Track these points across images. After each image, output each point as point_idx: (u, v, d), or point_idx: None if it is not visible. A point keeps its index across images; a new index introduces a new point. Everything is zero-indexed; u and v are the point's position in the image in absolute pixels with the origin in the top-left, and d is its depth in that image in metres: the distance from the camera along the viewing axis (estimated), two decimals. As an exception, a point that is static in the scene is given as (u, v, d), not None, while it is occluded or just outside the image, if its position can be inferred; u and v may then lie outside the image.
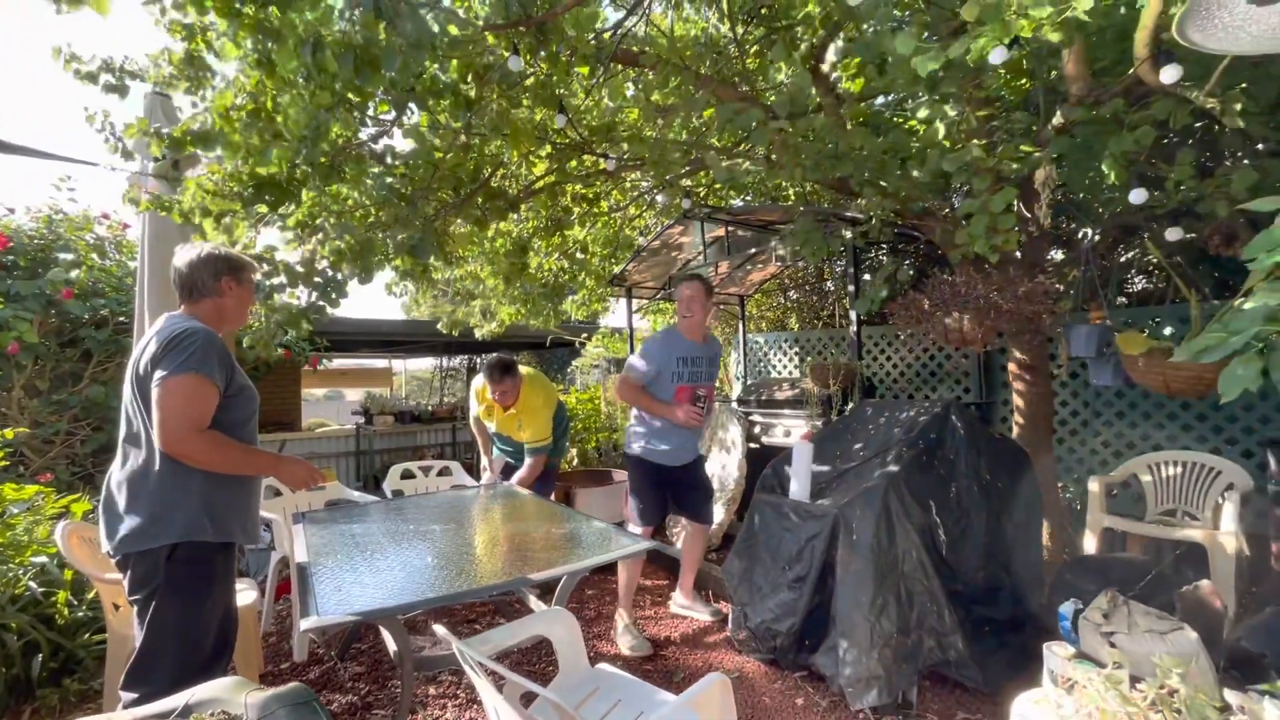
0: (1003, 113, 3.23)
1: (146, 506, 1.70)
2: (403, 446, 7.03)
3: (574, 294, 5.46)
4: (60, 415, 4.49)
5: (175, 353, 1.69)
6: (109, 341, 4.62)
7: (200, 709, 1.11)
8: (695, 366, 3.10)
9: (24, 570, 2.62)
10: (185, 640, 1.69)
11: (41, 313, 4.36)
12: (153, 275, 3.23)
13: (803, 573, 2.49)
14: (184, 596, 1.71)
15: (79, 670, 2.60)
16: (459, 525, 2.64)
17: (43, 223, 4.85)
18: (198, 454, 1.69)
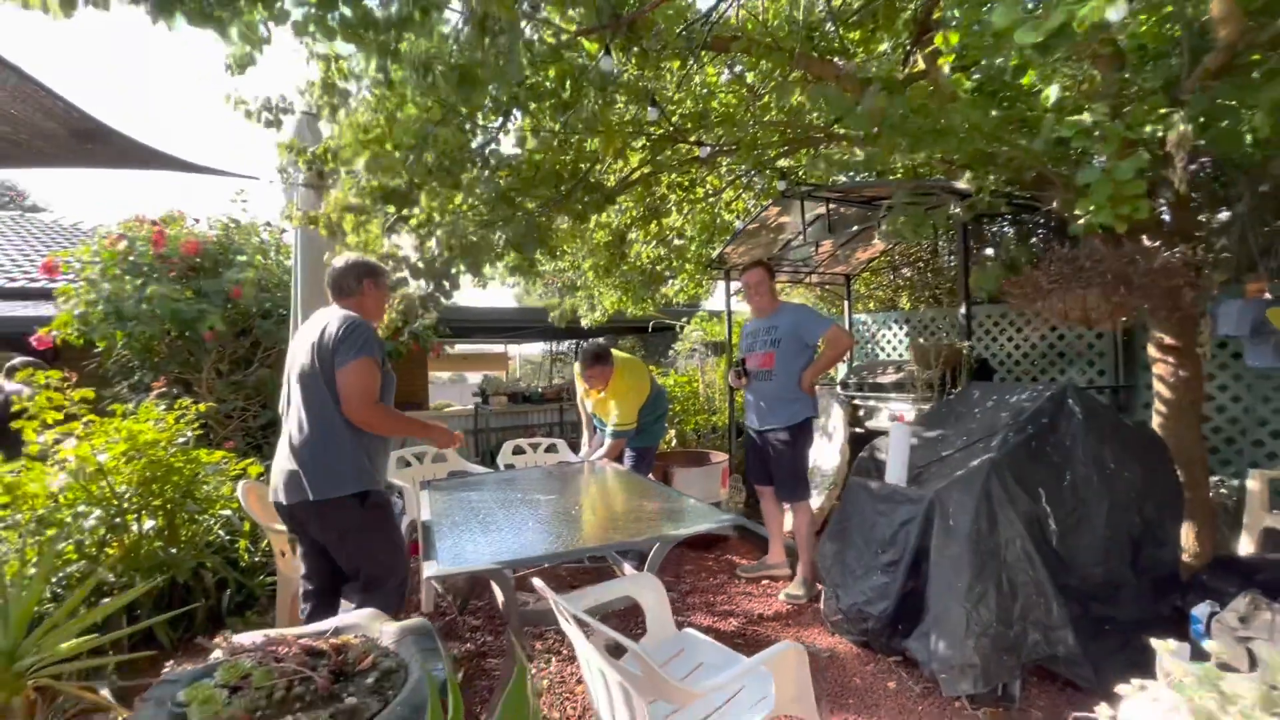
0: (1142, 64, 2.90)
1: (333, 463, 2.07)
2: (515, 425, 7.53)
3: (673, 279, 5.57)
4: (237, 394, 5.29)
5: (352, 340, 2.09)
6: (273, 331, 5.35)
7: (346, 632, 1.35)
8: (753, 339, 3.55)
9: (214, 521, 3.18)
10: (393, 563, 2.16)
11: (223, 306, 5.15)
12: (305, 275, 3.72)
13: (896, 557, 2.46)
14: (388, 532, 2.18)
15: (256, 605, 3.12)
16: (561, 495, 2.85)
17: (221, 230, 5.69)
18: (378, 422, 2.11)
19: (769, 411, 3.40)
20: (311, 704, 1.09)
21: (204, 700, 1.06)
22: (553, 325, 6.95)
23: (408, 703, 1.08)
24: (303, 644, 1.25)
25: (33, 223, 10.16)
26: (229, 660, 1.17)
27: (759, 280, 3.46)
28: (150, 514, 2.83)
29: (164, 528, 2.85)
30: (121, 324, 4.65)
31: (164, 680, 1.16)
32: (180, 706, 1.07)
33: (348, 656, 1.22)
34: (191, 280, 5.17)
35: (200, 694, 1.08)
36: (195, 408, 3.22)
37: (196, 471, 3.03)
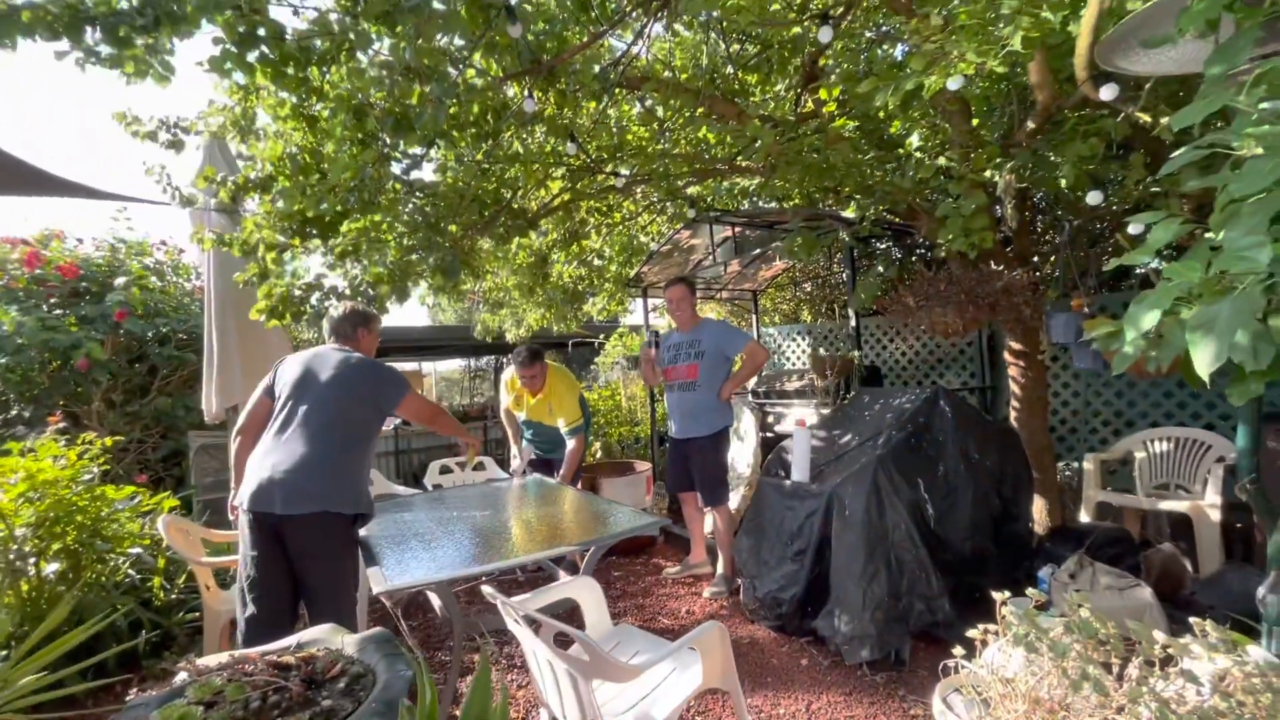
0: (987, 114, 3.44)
1: (341, 480, 2.22)
2: (438, 444, 7.44)
3: (594, 297, 5.78)
4: (133, 425, 4.96)
5: (394, 381, 2.45)
6: (172, 357, 5.07)
7: (309, 646, 1.44)
8: (676, 351, 3.79)
9: (123, 559, 3.03)
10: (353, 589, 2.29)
11: (110, 332, 4.82)
12: (219, 299, 3.63)
13: (803, 546, 2.77)
14: (354, 556, 2.33)
15: (173, 644, 3.00)
16: (496, 511, 2.97)
17: (107, 251, 5.32)
18: (445, 427, 2.72)
19: (693, 421, 3.65)
20: (288, 710, 1.19)
21: (180, 718, 1.14)
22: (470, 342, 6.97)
23: (381, 699, 1.21)
24: (269, 660, 1.34)
25: None
26: (198, 680, 1.25)
27: (681, 296, 3.71)
28: (52, 557, 2.68)
29: (67, 570, 2.71)
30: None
31: (131, 705, 1.21)
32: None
33: (316, 666, 1.32)
34: (73, 305, 4.82)
35: (175, 713, 1.15)
36: (99, 443, 3.07)
37: (103, 509, 2.89)
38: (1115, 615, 1.64)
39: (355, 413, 2.35)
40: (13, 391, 4.55)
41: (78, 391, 4.72)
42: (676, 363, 3.74)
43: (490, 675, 1.22)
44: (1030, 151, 2.56)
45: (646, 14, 2.66)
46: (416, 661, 1.30)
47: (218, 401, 3.68)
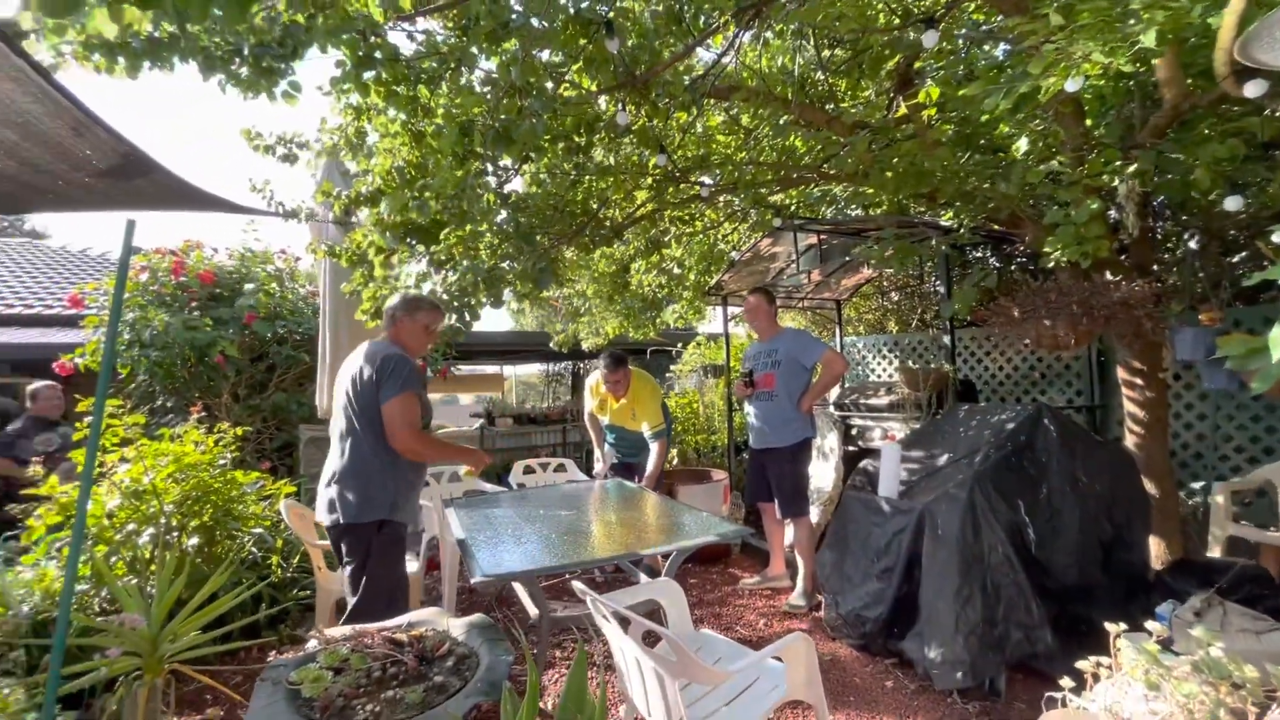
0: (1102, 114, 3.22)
1: (364, 490, 2.22)
2: (520, 445, 7.71)
3: (672, 305, 5.83)
4: (254, 417, 5.46)
5: (393, 376, 2.24)
6: (289, 356, 5.54)
7: (419, 626, 1.55)
8: (755, 361, 3.75)
9: (248, 538, 3.35)
10: (390, 595, 2.23)
11: (240, 333, 5.33)
12: (333, 303, 3.95)
13: (890, 564, 2.68)
14: (388, 562, 2.25)
15: (287, 619, 3.28)
16: (579, 511, 3.06)
17: (237, 259, 5.91)
18: (423, 450, 2.29)
19: (771, 431, 3.62)
20: (405, 682, 1.30)
21: (314, 679, 1.27)
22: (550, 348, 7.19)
23: (485, 679, 1.29)
24: (385, 635, 1.45)
25: (41, 250, 10.32)
26: (327, 648, 1.38)
27: (758, 305, 3.71)
28: (192, 532, 3.01)
29: (204, 544, 3.02)
30: (144, 351, 4.84)
31: (273, 664, 1.35)
32: (294, 685, 1.27)
33: (426, 645, 1.43)
34: (210, 309, 5.38)
35: (310, 674, 1.28)
36: (232, 432, 3.41)
37: (233, 491, 3.21)
38: (1252, 660, 1.50)
39: (370, 410, 2.25)
40: (159, 384, 5.12)
41: (210, 385, 5.25)
42: (756, 372, 3.72)
43: (586, 668, 1.27)
44: (1154, 153, 2.38)
45: (738, 24, 2.69)
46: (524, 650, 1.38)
47: (328, 398, 3.99)
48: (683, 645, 1.43)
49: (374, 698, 1.25)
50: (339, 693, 1.24)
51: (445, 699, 1.24)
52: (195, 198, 2.21)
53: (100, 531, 2.75)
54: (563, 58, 2.48)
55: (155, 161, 1.73)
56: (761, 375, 3.69)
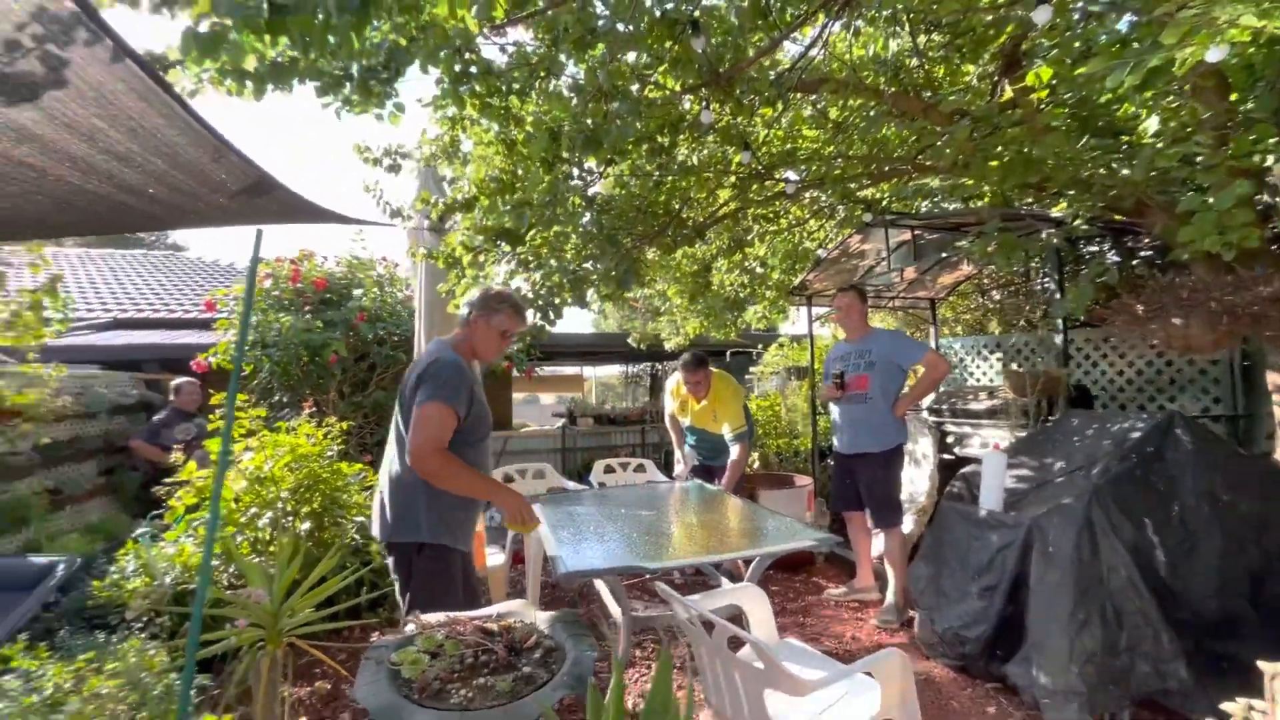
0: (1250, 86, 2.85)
1: (401, 506, 2.06)
2: (600, 445, 7.84)
3: (754, 305, 5.72)
4: (356, 413, 5.87)
5: (428, 382, 2.01)
6: (388, 356, 5.91)
7: (508, 617, 1.60)
8: (844, 362, 3.61)
9: (351, 525, 3.58)
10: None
11: (347, 334, 5.75)
12: (426, 305, 4.17)
13: (993, 582, 2.49)
14: (431, 589, 2.03)
15: (385, 603, 3.48)
16: (660, 512, 3.06)
17: (345, 266, 6.37)
18: (434, 470, 1.96)
19: (862, 435, 3.47)
20: (495, 670, 1.34)
21: (412, 661, 1.33)
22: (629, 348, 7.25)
23: (572, 673, 1.30)
24: (476, 624, 1.51)
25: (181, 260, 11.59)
26: (424, 633, 1.44)
27: (850, 304, 3.57)
28: (304, 518, 3.26)
29: (315, 529, 3.27)
30: (266, 351, 5.31)
31: (376, 645, 1.44)
32: (395, 665, 1.34)
33: (514, 636, 1.47)
34: (321, 312, 5.83)
35: (409, 656, 1.34)
36: (339, 426, 3.67)
37: (339, 481, 3.45)
38: None
39: (404, 427, 2.07)
40: (276, 381, 5.60)
41: (319, 383, 5.68)
42: (847, 374, 3.58)
43: (671, 671, 1.26)
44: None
45: (827, 14, 2.60)
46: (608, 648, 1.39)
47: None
48: (770, 652, 1.39)
49: (466, 683, 1.30)
50: (435, 676, 1.30)
51: (533, 690, 1.27)
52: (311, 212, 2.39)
53: (228, 514, 3.03)
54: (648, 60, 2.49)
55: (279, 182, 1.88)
56: (853, 377, 3.54)
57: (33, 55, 1.06)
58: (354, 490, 3.51)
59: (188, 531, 3.18)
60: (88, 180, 1.68)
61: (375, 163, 3.76)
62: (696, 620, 1.60)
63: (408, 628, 1.50)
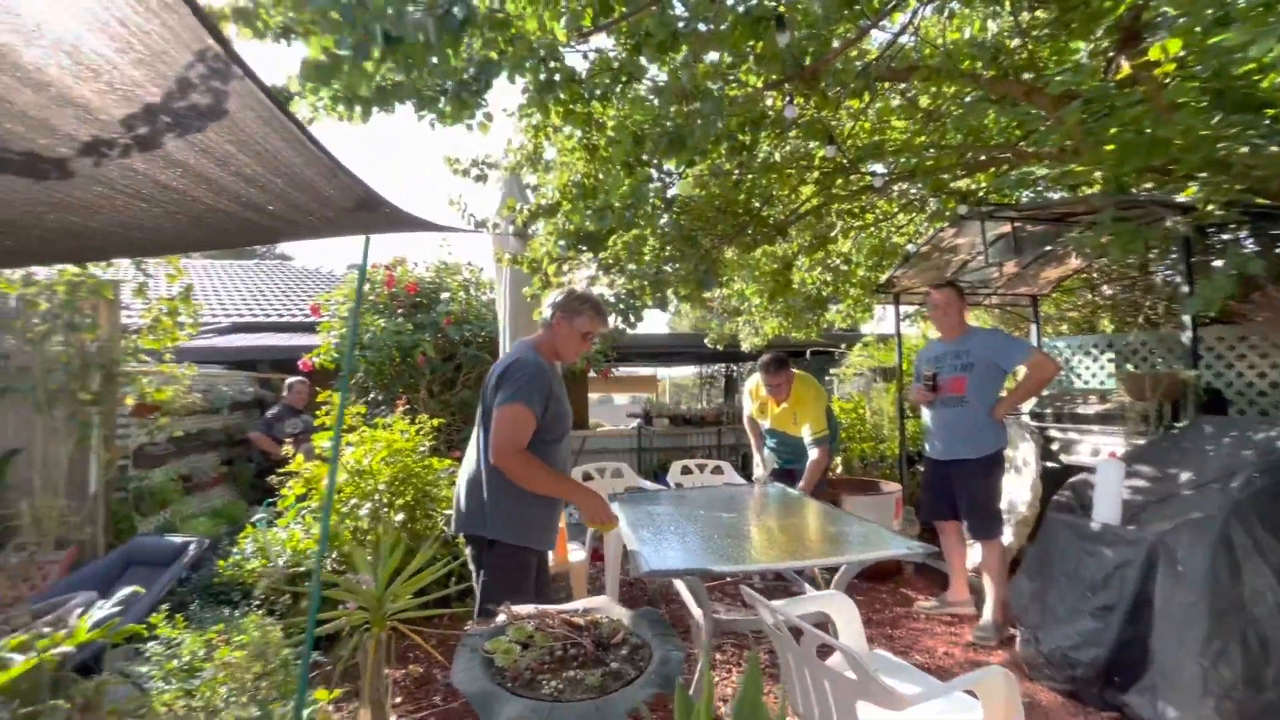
0: None
1: (475, 502, 2.14)
2: (676, 446, 7.84)
3: (837, 304, 5.54)
4: (444, 411, 6.16)
5: (508, 384, 2.06)
6: (474, 357, 6.17)
7: (593, 612, 1.62)
8: (938, 363, 3.42)
9: (441, 518, 3.76)
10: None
11: (435, 336, 6.05)
12: (510, 308, 4.32)
13: (1110, 601, 2.29)
14: (501, 585, 2.06)
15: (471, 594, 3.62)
16: (739, 514, 3.01)
17: (434, 271, 6.71)
18: (513, 470, 2.01)
19: (958, 440, 3.29)
20: (583, 664, 1.36)
21: (505, 651, 1.37)
22: (703, 349, 7.20)
23: (660, 672, 1.31)
24: (563, 618, 1.54)
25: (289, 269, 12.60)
26: (515, 624, 1.49)
27: (948, 301, 3.39)
28: (399, 509, 3.45)
29: (408, 520, 3.45)
30: (363, 352, 5.67)
31: (470, 633, 1.50)
32: (488, 653, 1.39)
33: (601, 631, 1.49)
34: (412, 315, 6.16)
35: (501, 646, 1.39)
36: (430, 423, 3.86)
37: (429, 476, 3.63)
38: None
39: (489, 414, 2.12)
40: (372, 380, 5.97)
41: (411, 382, 6.01)
42: (940, 375, 3.39)
43: (760, 675, 1.24)
44: None
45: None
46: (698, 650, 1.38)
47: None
48: (863, 663, 1.34)
49: (556, 675, 1.32)
50: (526, 666, 1.34)
51: (621, 685, 1.28)
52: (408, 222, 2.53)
53: (333, 504, 3.26)
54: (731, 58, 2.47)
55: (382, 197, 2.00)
56: (948, 379, 3.36)
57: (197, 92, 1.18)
58: (443, 485, 3.68)
59: (297, 518, 3.45)
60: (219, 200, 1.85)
61: (464, 173, 3.93)
62: (783, 626, 1.56)
63: (499, 618, 1.55)
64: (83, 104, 1.27)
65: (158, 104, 1.27)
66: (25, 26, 1.09)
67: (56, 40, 1.12)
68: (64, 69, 1.19)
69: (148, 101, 1.27)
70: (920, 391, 3.48)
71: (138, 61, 1.18)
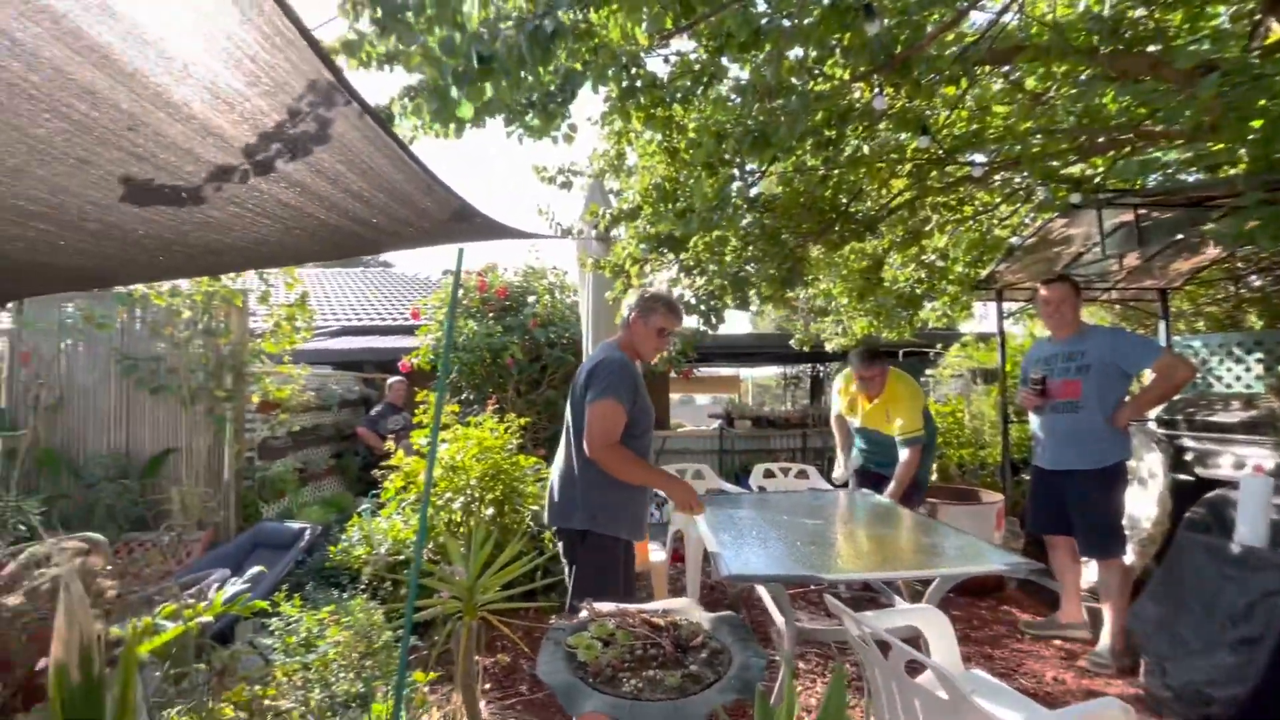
0: None
1: (567, 495, 2.25)
2: (758, 449, 7.70)
3: (932, 302, 5.25)
4: (530, 410, 6.38)
5: (597, 380, 2.18)
6: (558, 358, 6.35)
7: (673, 613, 1.63)
8: (1049, 365, 3.18)
9: (528, 514, 3.90)
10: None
11: (523, 338, 6.28)
12: (593, 311, 4.41)
13: (1254, 634, 2.03)
14: (594, 574, 2.18)
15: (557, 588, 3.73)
16: (824, 520, 2.92)
17: (522, 276, 6.96)
18: (608, 462, 2.13)
19: (1073, 449, 3.02)
20: (663, 664, 1.37)
21: (587, 646, 1.41)
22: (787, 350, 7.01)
23: (739, 678, 1.29)
24: (644, 617, 1.56)
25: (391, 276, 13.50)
26: (598, 620, 1.52)
27: (1062, 297, 3.12)
28: (488, 504, 3.61)
29: (497, 515, 3.61)
30: (456, 354, 5.98)
31: (554, 627, 1.55)
32: (570, 648, 1.43)
33: (681, 633, 1.49)
34: (501, 318, 6.43)
35: (583, 641, 1.43)
36: (518, 421, 4.02)
37: (517, 472, 3.77)
38: None
39: (578, 412, 2.23)
40: (464, 380, 6.28)
41: (500, 382, 6.27)
42: (1050, 378, 3.13)
43: (844, 687, 1.20)
44: None
45: (1024, -27, 2.30)
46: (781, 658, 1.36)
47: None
48: (959, 684, 1.27)
49: (636, 674, 1.34)
50: (607, 663, 1.36)
51: (700, 689, 1.28)
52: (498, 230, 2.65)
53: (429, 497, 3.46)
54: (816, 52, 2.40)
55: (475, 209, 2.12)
56: (1059, 382, 3.10)
57: (308, 119, 1.30)
58: (530, 481, 3.82)
59: (398, 509, 3.68)
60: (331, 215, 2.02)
61: (550, 181, 4.06)
62: (869, 639, 1.50)
63: (581, 614, 1.59)
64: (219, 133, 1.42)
65: (273, 131, 1.40)
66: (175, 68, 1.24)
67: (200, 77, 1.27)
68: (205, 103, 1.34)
69: (269, 129, 1.41)
70: (1027, 395, 3.22)
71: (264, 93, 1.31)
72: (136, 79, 1.23)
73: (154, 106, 1.32)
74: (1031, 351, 3.45)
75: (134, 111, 1.33)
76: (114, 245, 2.11)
